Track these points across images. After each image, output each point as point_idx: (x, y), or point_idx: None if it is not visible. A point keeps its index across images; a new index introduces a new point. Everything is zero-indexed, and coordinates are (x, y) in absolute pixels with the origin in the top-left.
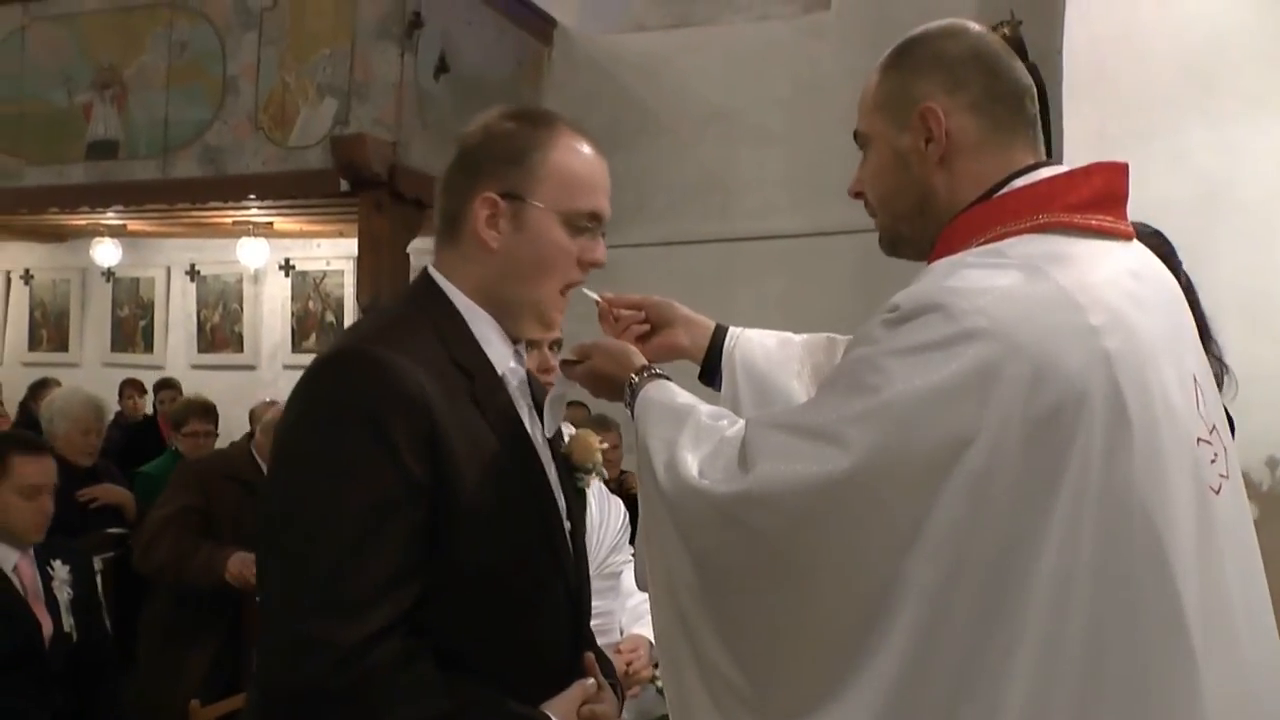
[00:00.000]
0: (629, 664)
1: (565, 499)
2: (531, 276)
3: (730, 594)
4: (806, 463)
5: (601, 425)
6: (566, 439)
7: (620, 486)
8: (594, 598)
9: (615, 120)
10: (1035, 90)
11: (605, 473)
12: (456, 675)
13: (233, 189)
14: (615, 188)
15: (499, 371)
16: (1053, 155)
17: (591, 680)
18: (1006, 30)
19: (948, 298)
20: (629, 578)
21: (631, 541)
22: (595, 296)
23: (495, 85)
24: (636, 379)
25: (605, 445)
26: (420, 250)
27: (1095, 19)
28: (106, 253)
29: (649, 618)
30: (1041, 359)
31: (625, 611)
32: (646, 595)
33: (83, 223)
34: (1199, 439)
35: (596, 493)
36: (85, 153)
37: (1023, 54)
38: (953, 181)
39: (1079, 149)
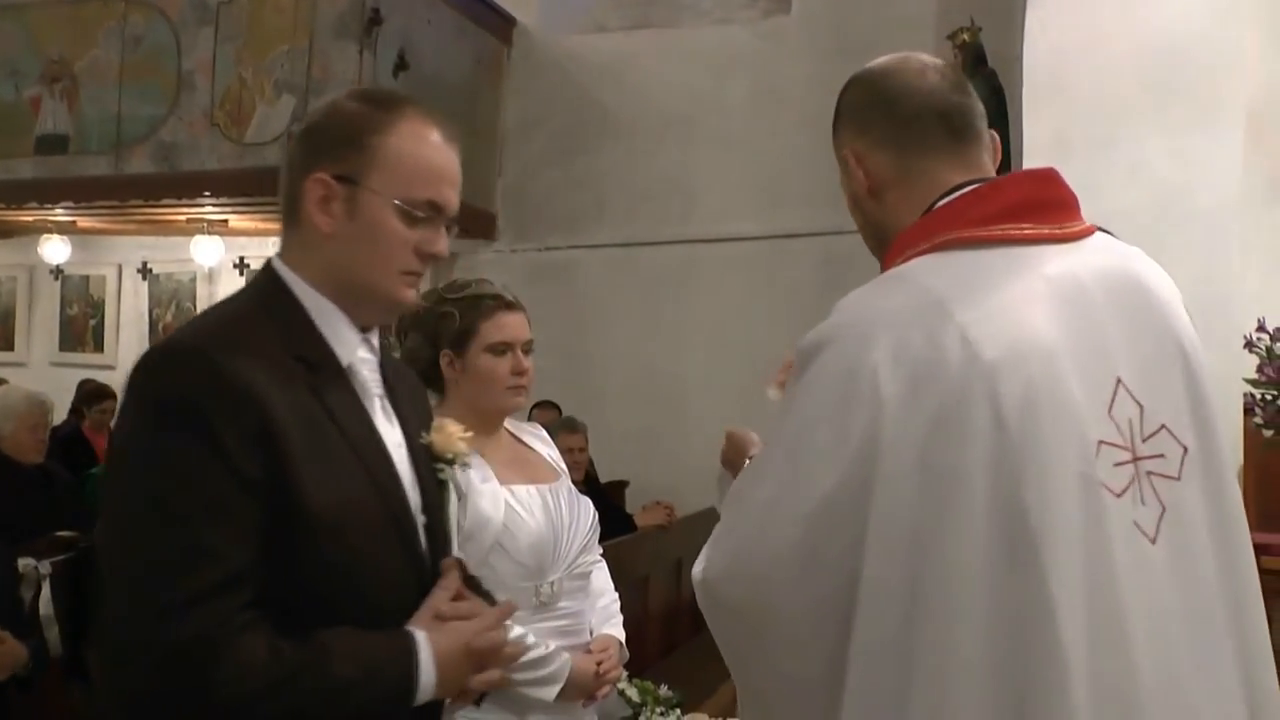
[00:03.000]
0: (599, 664)
1: (425, 491)
2: (366, 264)
3: (734, 663)
4: (728, 536)
5: (570, 427)
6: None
7: (589, 487)
8: (564, 598)
9: (575, 121)
10: (961, 106)
11: (470, 463)
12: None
13: (187, 186)
14: (575, 189)
15: (345, 362)
16: (1013, 161)
17: (448, 578)
18: (966, 36)
19: (834, 332)
20: (599, 578)
21: (601, 541)
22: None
23: (455, 84)
24: (745, 465)
25: (573, 447)
26: None
27: (1055, 27)
28: (55, 250)
29: (619, 618)
30: (916, 370)
31: (595, 612)
32: (616, 595)
33: (30, 219)
34: (1101, 442)
35: (566, 493)
36: (34, 147)
37: (982, 60)
38: (887, 213)
39: (1039, 156)
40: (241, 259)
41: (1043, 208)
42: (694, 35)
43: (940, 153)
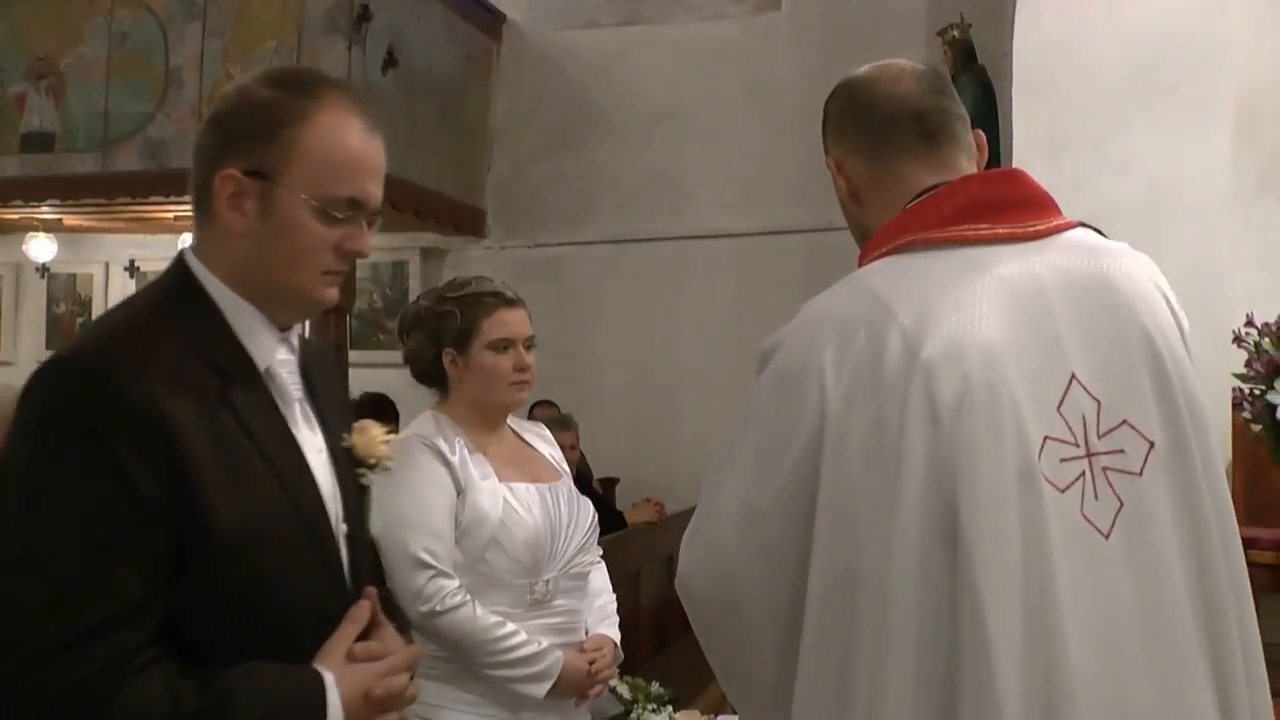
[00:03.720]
0: (592, 663)
1: (347, 499)
2: (283, 265)
3: (712, 653)
4: (698, 535)
5: (561, 424)
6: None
7: (579, 484)
8: (560, 596)
9: (566, 118)
10: (936, 108)
11: (390, 466)
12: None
13: (175, 183)
14: (566, 185)
15: (263, 366)
16: (1002, 157)
17: (360, 609)
18: (956, 33)
19: (786, 335)
20: (596, 578)
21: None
22: None
23: (444, 80)
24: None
25: (565, 445)
26: None
27: (1045, 23)
28: (41, 248)
29: (615, 618)
30: (858, 370)
31: (591, 611)
32: (613, 595)
33: (16, 217)
34: (1047, 437)
35: (567, 493)
36: (19, 145)
37: (972, 57)
38: (868, 215)
39: (1029, 152)
40: None
41: (1000, 208)
42: (684, 31)
43: (913, 156)
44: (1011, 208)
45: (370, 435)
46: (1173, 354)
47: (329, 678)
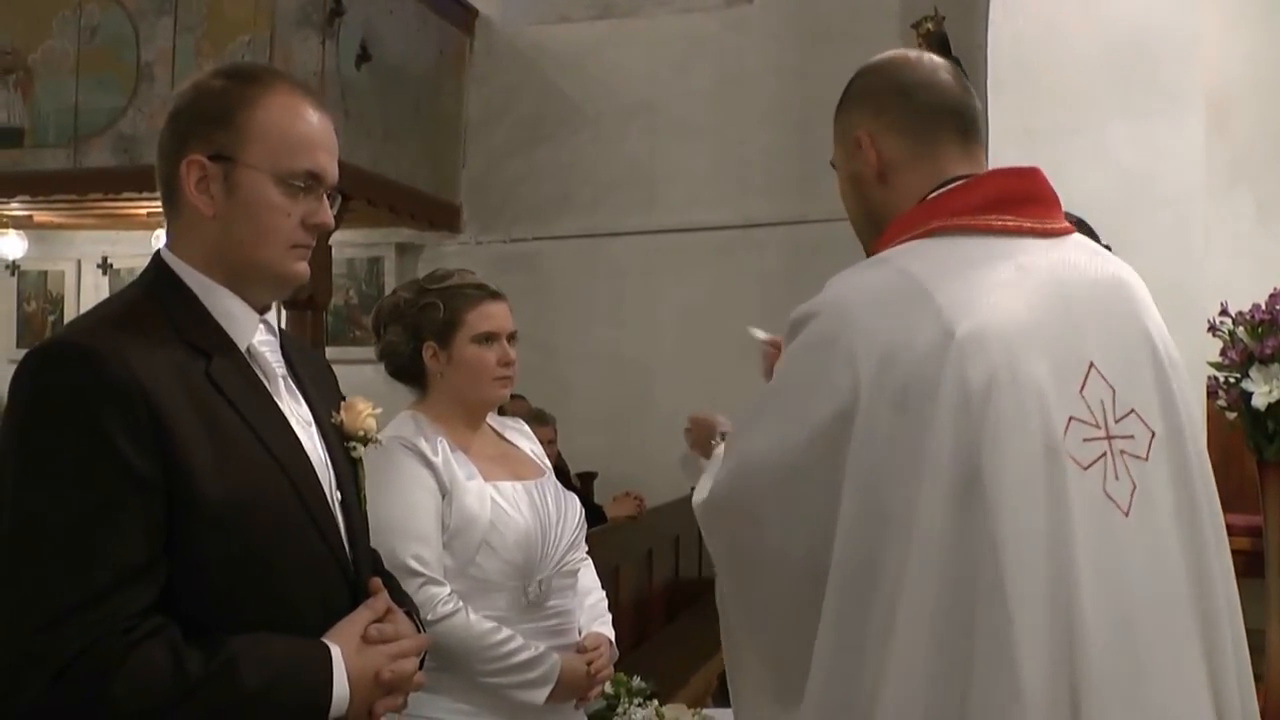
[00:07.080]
0: (591, 663)
1: (338, 469)
2: (252, 242)
3: (731, 589)
4: (730, 474)
5: (538, 419)
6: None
7: (559, 479)
8: (554, 597)
9: (540, 112)
10: (972, 108)
11: (381, 440)
12: (202, 649)
13: (148, 179)
14: (540, 180)
15: (243, 345)
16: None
17: (378, 599)
18: (930, 25)
19: (821, 306)
20: (585, 575)
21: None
22: (761, 336)
23: (417, 75)
24: (716, 443)
25: (543, 439)
26: (341, 243)
27: (1018, 15)
28: (11, 245)
29: (608, 616)
30: (891, 343)
31: (584, 610)
32: (603, 594)
33: None
34: (1072, 418)
35: (553, 489)
36: None
37: (946, 49)
38: (891, 196)
39: (1005, 144)
40: None
41: (1024, 202)
42: (657, 24)
43: (948, 146)
44: (1032, 203)
45: (357, 410)
46: (1169, 352)
47: (336, 652)
